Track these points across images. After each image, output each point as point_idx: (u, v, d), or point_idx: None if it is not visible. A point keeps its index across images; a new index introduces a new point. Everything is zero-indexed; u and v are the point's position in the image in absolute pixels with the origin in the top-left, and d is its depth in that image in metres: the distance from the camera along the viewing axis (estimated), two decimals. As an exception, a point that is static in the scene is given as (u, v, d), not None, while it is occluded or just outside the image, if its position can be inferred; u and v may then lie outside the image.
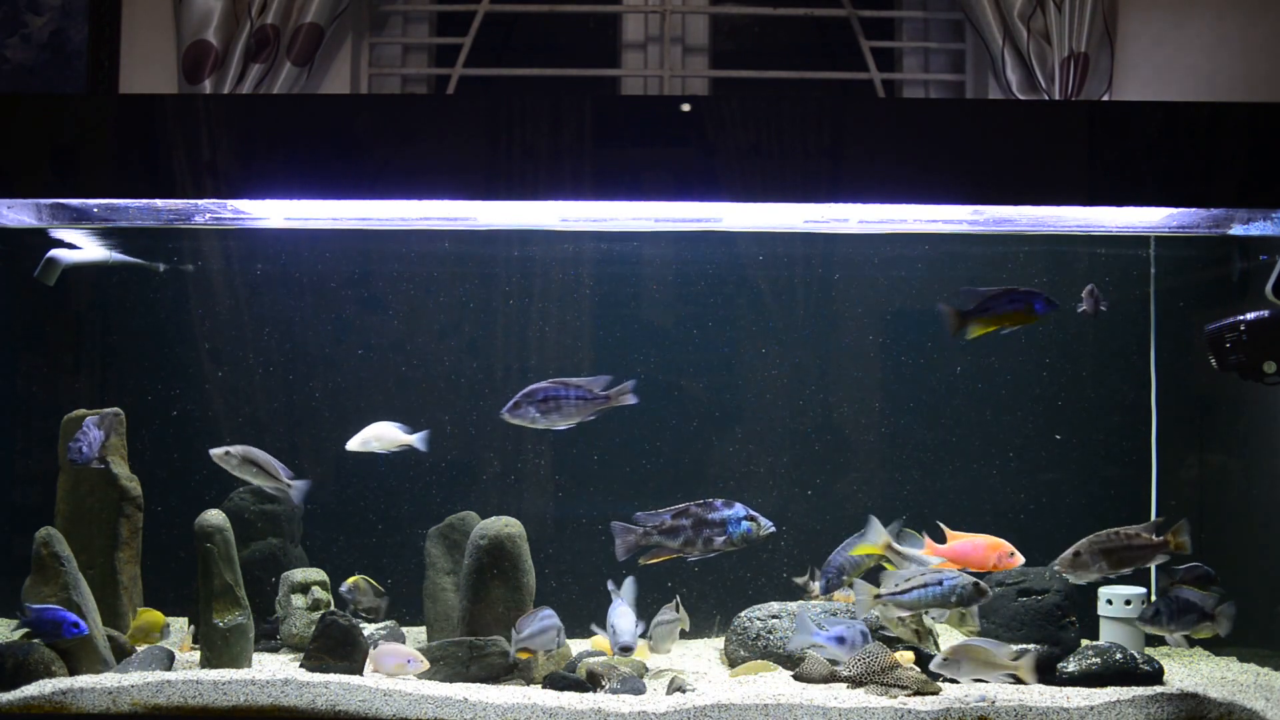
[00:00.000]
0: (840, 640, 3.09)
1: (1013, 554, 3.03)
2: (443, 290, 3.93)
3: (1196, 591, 3.14)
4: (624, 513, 3.07)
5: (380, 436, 3.44)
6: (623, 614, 3.12)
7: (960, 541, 3.07)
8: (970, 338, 3.08)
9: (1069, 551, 3.05)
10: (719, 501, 3.02)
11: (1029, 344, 3.85)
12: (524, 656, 3.16)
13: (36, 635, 3.08)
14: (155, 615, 3.49)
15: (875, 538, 3.04)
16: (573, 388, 3.11)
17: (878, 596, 3.02)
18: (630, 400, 3.11)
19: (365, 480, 3.88)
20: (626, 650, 3.07)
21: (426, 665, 3.13)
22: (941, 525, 3.11)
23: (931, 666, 3.03)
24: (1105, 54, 4.00)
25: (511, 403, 3.11)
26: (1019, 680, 3.02)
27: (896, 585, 2.99)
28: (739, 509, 3.01)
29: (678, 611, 3.44)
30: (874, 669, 3.06)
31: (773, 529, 3.03)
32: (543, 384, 3.10)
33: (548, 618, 3.13)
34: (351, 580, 3.62)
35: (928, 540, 3.09)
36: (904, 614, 3.10)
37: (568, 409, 3.11)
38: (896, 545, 3.02)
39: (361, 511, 3.88)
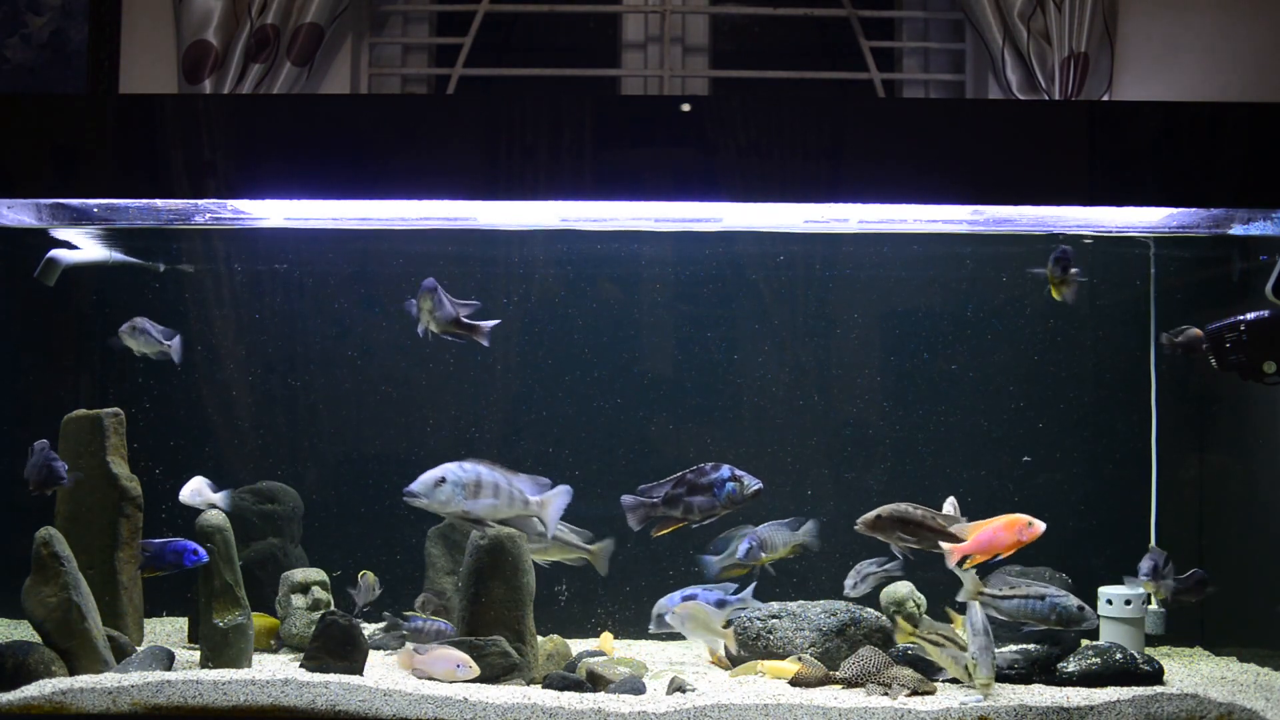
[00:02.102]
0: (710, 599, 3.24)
1: (1031, 524, 3.03)
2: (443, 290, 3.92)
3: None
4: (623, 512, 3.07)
5: (200, 491, 3.42)
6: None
7: (981, 533, 3.05)
8: None
9: (872, 514, 3.06)
10: (708, 465, 3.03)
11: (1029, 344, 3.85)
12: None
13: (160, 569, 3.17)
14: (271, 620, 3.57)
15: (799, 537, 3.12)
16: (450, 301, 3.17)
17: (981, 592, 3.04)
18: (483, 339, 3.15)
19: (365, 480, 3.89)
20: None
21: (477, 671, 3.10)
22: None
23: (653, 627, 3.15)
24: (1105, 54, 4.00)
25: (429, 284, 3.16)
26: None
27: (1000, 589, 3.02)
28: (725, 470, 3.02)
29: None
30: (870, 669, 3.07)
31: (758, 486, 3.02)
32: (438, 290, 3.15)
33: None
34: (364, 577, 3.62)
35: (951, 546, 3.07)
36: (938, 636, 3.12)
37: (442, 315, 3.16)
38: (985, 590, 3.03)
39: (361, 511, 3.88)
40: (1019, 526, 3.03)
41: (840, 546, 3.61)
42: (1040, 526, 3.02)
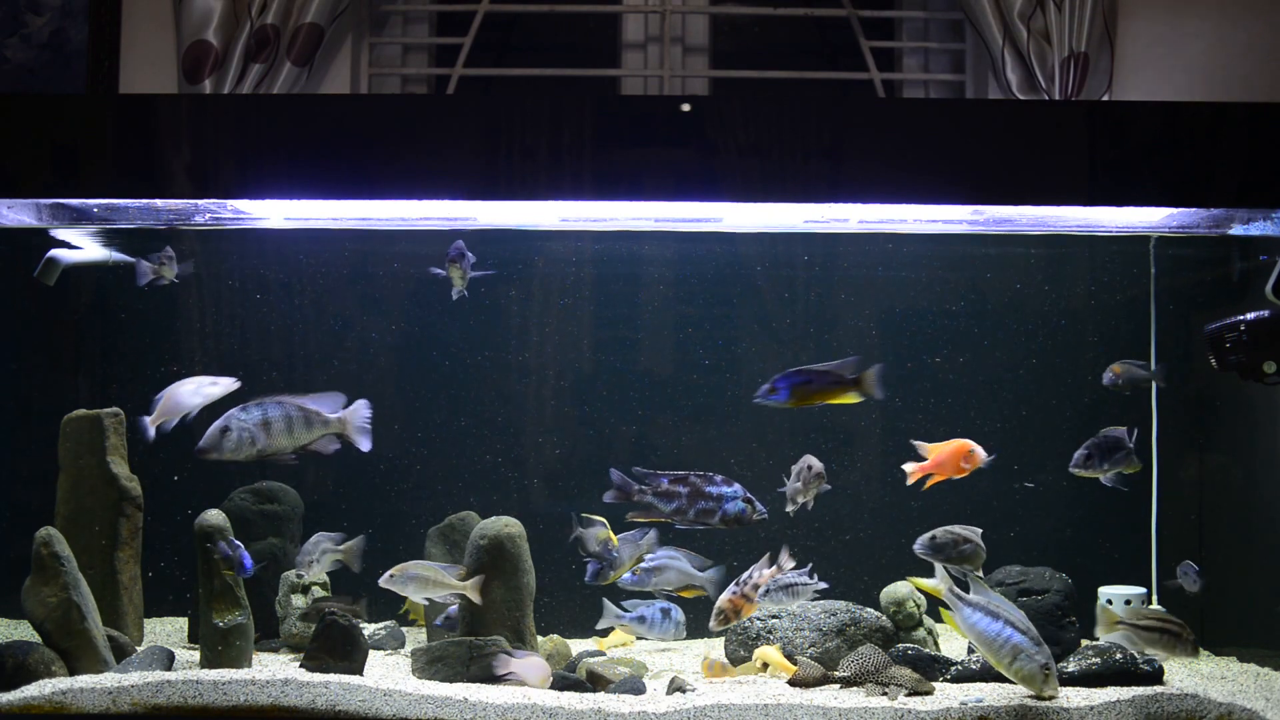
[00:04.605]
0: (641, 620, 3.33)
1: (973, 451, 3.17)
2: (442, 290, 3.92)
3: (1120, 430, 3.33)
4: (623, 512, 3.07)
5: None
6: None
7: (939, 454, 3.19)
8: None
9: (803, 467, 3.20)
10: (718, 477, 3.03)
11: (1029, 345, 3.85)
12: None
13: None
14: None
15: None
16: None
17: (1118, 622, 3.20)
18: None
19: (365, 480, 3.89)
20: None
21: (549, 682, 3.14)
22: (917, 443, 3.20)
23: (380, 582, 3.16)
24: (1105, 54, 4.00)
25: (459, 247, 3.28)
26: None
27: (1136, 620, 3.19)
28: (737, 488, 3.02)
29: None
30: (868, 669, 3.06)
31: (765, 515, 3.04)
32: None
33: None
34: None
35: (913, 464, 3.18)
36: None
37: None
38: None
39: (362, 511, 3.88)
40: (962, 454, 3.17)
41: (842, 547, 3.62)
42: (981, 456, 3.15)
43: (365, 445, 3.09)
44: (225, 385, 3.22)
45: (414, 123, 2.99)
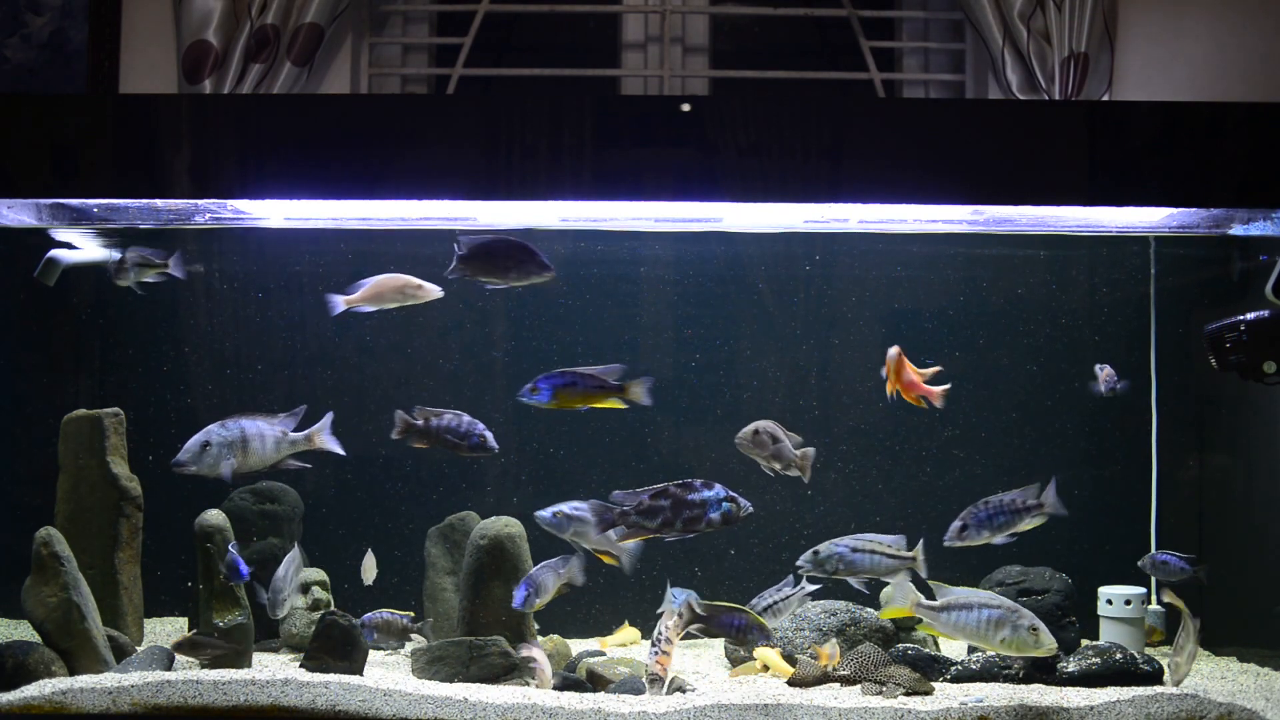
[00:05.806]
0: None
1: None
2: (442, 290, 3.93)
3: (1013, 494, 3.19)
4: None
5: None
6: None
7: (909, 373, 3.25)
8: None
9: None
10: (698, 482, 2.97)
11: (1029, 344, 3.85)
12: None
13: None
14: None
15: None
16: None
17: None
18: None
19: (365, 480, 3.88)
20: None
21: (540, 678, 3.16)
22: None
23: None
24: (1105, 54, 4.00)
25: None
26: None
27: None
28: (719, 490, 2.98)
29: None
30: (868, 668, 3.06)
31: (751, 510, 3.01)
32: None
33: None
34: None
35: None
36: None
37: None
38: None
39: (361, 511, 3.88)
40: (917, 392, 3.25)
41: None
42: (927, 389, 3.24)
43: (340, 450, 3.14)
44: (430, 291, 3.22)
45: (414, 123, 3.00)
